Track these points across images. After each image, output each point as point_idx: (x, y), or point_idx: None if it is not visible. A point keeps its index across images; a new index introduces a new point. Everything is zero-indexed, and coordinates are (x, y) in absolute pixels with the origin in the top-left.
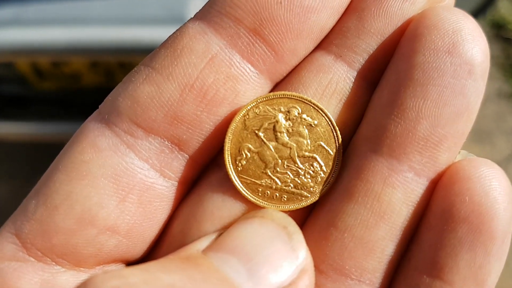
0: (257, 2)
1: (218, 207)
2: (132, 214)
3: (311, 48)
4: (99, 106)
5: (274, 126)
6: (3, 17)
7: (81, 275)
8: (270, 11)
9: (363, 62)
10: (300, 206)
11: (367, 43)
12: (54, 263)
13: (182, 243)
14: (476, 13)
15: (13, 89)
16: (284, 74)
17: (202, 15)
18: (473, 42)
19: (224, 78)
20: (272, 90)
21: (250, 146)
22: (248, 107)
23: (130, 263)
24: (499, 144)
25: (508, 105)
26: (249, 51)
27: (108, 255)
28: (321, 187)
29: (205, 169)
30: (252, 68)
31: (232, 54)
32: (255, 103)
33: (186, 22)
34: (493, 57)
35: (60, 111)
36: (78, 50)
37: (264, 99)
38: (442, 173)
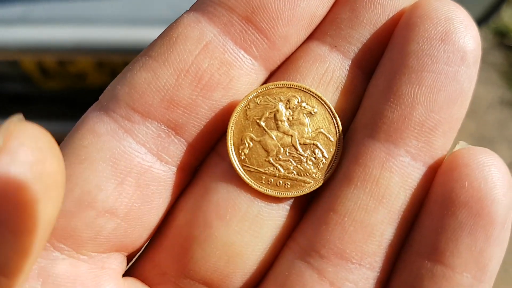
0: None
1: (223, 198)
2: (130, 196)
3: (303, 35)
4: (99, 97)
5: (275, 115)
6: (11, 15)
7: (80, 265)
8: None
9: (358, 52)
10: (304, 192)
11: (361, 33)
12: (53, 248)
13: (189, 235)
14: (480, 21)
15: (17, 87)
16: (278, 61)
17: (196, 6)
18: (465, 30)
19: (218, 63)
20: (269, 80)
21: (252, 135)
22: (249, 98)
23: (130, 252)
24: (501, 151)
25: (510, 113)
26: (242, 38)
27: (106, 239)
28: (323, 173)
29: (206, 158)
30: (245, 54)
31: (225, 41)
32: (255, 93)
33: (182, 14)
34: (495, 65)
35: (64, 110)
36: (84, 49)
37: (264, 89)
38: (438, 158)
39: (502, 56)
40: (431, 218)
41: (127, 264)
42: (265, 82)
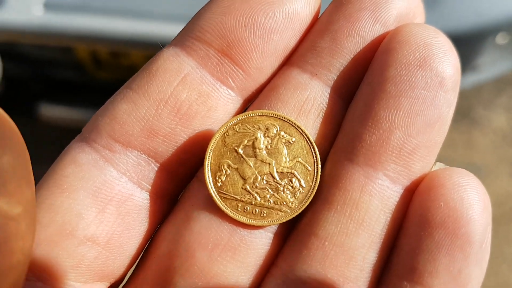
0: (224, 26)
1: (205, 227)
2: (111, 224)
3: (277, 66)
4: (82, 129)
5: (253, 143)
6: (72, 2)
7: None
8: (236, 33)
9: (337, 79)
10: (280, 221)
11: (341, 62)
12: (34, 278)
13: (170, 265)
14: None
15: (68, 74)
16: (254, 91)
17: (176, 41)
18: (443, 56)
19: (196, 94)
20: (250, 107)
21: (229, 162)
22: (228, 125)
23: (112, 283)
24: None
25: None
26: (219, 70)
27: (88, 267)
28: (300, 202)
29: (187, 185)
30: (222, 85)
31: (203, 73)
32: (235, 120)
33: (162, 49)
34: None
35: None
36: (137, 43)
37: (244, 117)
38: (417, 181)
39: None
40: (408, 239)
41: None
42: (245, 109)
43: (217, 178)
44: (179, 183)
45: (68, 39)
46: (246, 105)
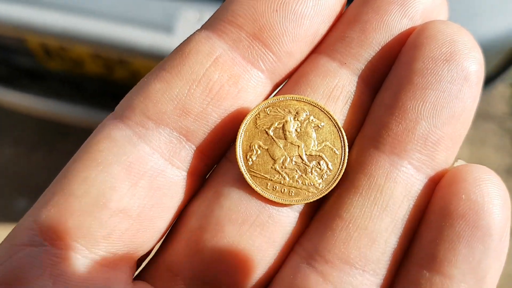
0: (255, 11)
1: (235, 203)
2: (143, 198)
3: (306, 51)
4: (115, 108)
5: (283, 126)
6: None
7: (92, 266)
8: (267, 18)
9: (365, 69)
10: (306, 201)
11: (369, 53)
12: (67, 248)
13: (201, 238)
14: (495, 75)
15: (24, 62)
16: (283, 75)
17: (207, 25)
18: (469, 52)
19: (227, 75)
20: (280, 92)
21: (260, 143)
22: (260, 107)
23: (140, 255)
24: None
25: None
26: (250, 53)
27: (119, 238)
28: (327, 184)
29: (217, 164)
30: (253, 68)
31: (234, 56)
32: (266, 103)
33: (194, 32)
34: (509, 131)
35: (68, 91)
36: (80, 39)
37: (275, 100)
38: (440, 172)
39: None
40: (430, 229)
41: (137, 269)
42: (274, 93)
43: (248, 158)
44: (209, 162)
45: (14, 30)
46: (275, 88)
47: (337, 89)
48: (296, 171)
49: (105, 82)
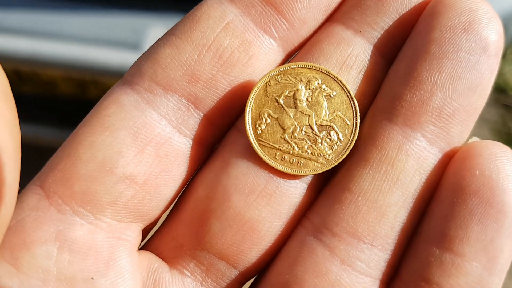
0: None
1: (243, 173)
2: (149, 165)
3: (320, 19)
4: (124, 74)
5: (294, 94)
6: None
7: (98, 233)
8: None
9: (381, 38)
10: (315, 172)
11: (385, 21)
12: (72, 213)
13: (207, 208)
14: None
15: None
16: (296, 43)
17: None
18: (488, 22)
19: (238, 41)
20: (292, 60)
21: (270, 111)
22: (271, 75)
23: (146, 224)
24: None
25: None
26: (262, 19)
27: (125, 205)
28: (337, 155)
29: (226, 134)
30: (264, 35)
31: (246, 21)
32: (277, 71)
33: None
34: (489, 122)
35: (42, 114)
36: (50, 63)
37: (286, 68)
38: (454, 146)
39: (497, 114)
40: (441, 205)
41: (143, 239)
42: (287, 62)
43: (256, 126)
44: (217, 131)
45: None
46: (287, 57)
47: (351, 58)
48: (306, 141)
49: (79, 101)
